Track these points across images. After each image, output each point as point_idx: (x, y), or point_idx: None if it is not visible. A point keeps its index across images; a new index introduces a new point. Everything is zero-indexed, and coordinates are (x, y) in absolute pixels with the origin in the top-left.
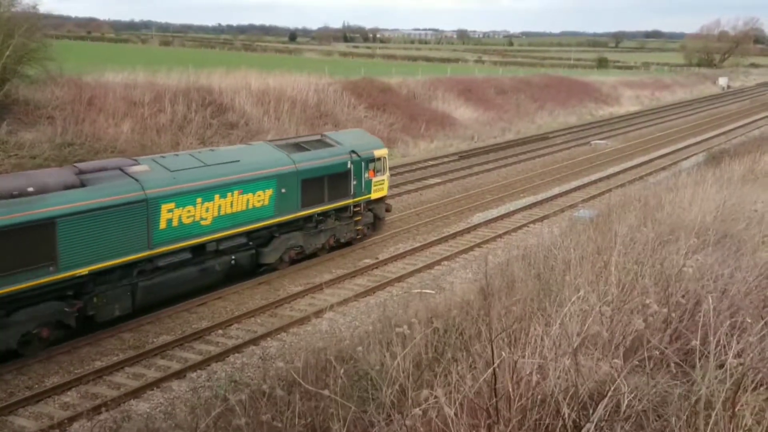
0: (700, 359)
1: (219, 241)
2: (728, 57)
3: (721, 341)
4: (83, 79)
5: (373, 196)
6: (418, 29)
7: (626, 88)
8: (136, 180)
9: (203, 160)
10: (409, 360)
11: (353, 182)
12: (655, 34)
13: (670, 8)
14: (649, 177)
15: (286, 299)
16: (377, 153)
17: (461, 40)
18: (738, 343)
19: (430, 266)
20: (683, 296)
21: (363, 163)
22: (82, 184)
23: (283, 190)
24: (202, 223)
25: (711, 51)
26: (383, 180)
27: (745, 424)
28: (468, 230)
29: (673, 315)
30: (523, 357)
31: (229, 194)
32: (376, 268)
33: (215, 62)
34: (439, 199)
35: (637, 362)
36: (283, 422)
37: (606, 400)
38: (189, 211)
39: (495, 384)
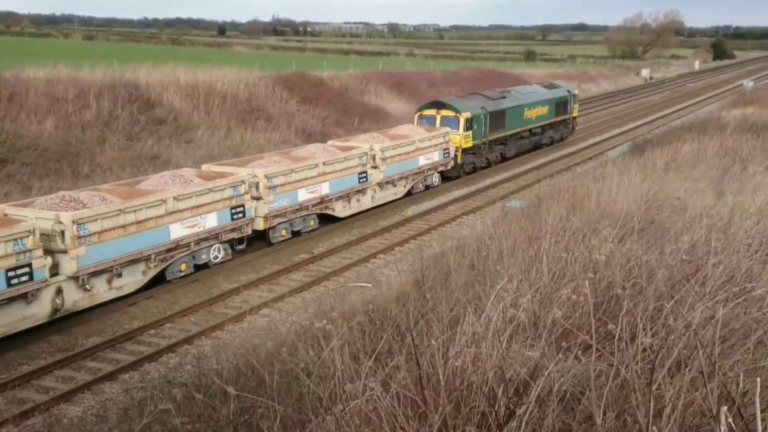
0: (621, 342)
1: (534, 129)
2: (650, 49)
3: (643, 325)
4: (2, 75)
5: (574, 115)
6: (349, 23)
7: (554, 80)
8: (517, 98)
9: (528, 91)
10: (346, 353)
11: (569, 106)
12: (581, 27)
13: (596, 1)
14: (577, 167)
15: (221, 296)
16: (576, 92)
17: (392, 34)
18: (656, 325)
19: (365, 260)
20: (609, 282)
21: (572, 96)
22: (503, 97)
23: (550, 108)
24: (532, 118)
25: (634, 43)
26: (576, 107)
27: (662, 404)
28: (403, 223)
29: (599, 301)
30: (455, 346)
31: (537, 107)
32: (312, 263)
33: (142, 57)
34: None
35: (564, 347)
36: (218, 421)
37: (534, 384)
38: (529, 113)
39: (420, 371)
